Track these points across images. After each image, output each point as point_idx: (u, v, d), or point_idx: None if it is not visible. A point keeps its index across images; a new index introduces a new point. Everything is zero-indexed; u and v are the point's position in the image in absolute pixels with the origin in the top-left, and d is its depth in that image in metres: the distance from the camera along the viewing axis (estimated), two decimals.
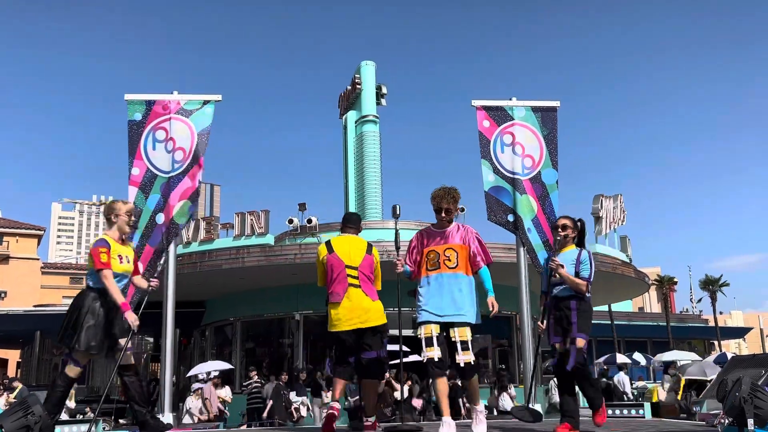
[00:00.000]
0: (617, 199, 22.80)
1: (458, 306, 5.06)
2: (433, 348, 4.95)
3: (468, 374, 5.01)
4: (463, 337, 4.96)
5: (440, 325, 5.05)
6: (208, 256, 17.54)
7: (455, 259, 5.18)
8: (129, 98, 9.22)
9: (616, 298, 26.89)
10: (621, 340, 32.42)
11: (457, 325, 5.01)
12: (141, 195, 8.92)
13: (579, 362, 5.23)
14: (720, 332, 39.99)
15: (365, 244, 5.75)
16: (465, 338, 4.96)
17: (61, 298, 40.81)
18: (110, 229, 5.56)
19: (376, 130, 22.09)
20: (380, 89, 22.62)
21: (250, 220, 18.56)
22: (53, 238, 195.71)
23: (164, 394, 8.62)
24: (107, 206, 5.67)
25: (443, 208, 5.27)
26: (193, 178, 8.94)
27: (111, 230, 5.55)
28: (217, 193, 22.89)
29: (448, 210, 5.28)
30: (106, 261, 5.17)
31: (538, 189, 9.42)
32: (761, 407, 3.25)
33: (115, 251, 5.34)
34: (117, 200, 5.85)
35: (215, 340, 21.74)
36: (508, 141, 9.56)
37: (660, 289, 44.31)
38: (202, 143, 9.04)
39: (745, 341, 66.38)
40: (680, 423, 7.33)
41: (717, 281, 47.32)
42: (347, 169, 22.63)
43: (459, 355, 4.92)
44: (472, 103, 9.69)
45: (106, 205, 5.74)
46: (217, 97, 9.31)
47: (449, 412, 4.97)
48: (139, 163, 9.00)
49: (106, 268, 5.17)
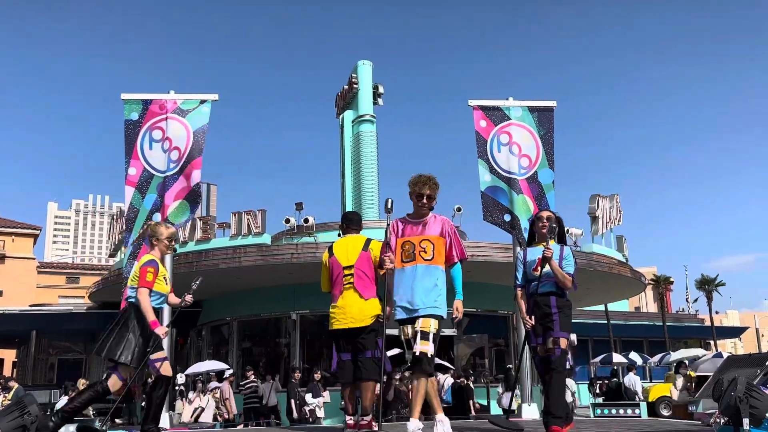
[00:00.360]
0: (614, 199, 22.83)
1: (430, 299, 4.83)
2: (427, 343, 4.73)
3: (421, 366, 4.65)
4: (425, 328, 4.72)
5: (413, 321, 4.84)
6: (205, 255, 17.52)
7: (431, 251, 4.93)
8: (126, 98, 9.21)
9: (612, 298, 26.92)
10: (617, 339, 32.45)
11: (423, 316, 4.78)
12: (138, 195, 8.91)
13: (561, 364, 5.00)
14: (716, 332, 40.08)
15: (363, 240, 5.63)
16: (427, 329, 4.71)
17: (57, 298, 40.73)
18: (152, 250, 5.80)
19: (373, 130, 22.09)
20: (377, 89, 22.62)
21: (246, 220, 18.55)
22: (49, 237, 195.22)
23: None
24: (151, 228, 5.93)
25: (425, 194, 5.00)
26: (188, 178, 8.92)
27: (154, 251, 5.78)
28: (213, 192, 22.85)
29: (430, 197, 5.03)
30: (150, 281, 5.43)
31: (535, 189, 9.43)
32: (756, 406, 3.26)
33: (161, 273, 5.62)
34: (160, 224, 6.13)
35: (212, 339, 21.73)
36: (505, 141, 9.57)
37: (656, 289, 44.43)
38: (198, 143, 9.02)
39: (741, 341, 66.53)
40: (676, 422, 7.35)
41: (713, 281, 47.42)
42: (344, 168, 22.62)
43: (416, 345, 4.67)
44: (469, 103, 9.70)
45: (150, 226, 6.02)
46: (214, 96, 9.29)
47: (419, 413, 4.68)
48: (135, 162, 8.99)
49: (147, 287, 5.41)
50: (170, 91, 9.25)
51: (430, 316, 4.76)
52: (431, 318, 4.74)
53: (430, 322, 4.73)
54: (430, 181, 5.00)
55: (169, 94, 9.25)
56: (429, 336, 4.67)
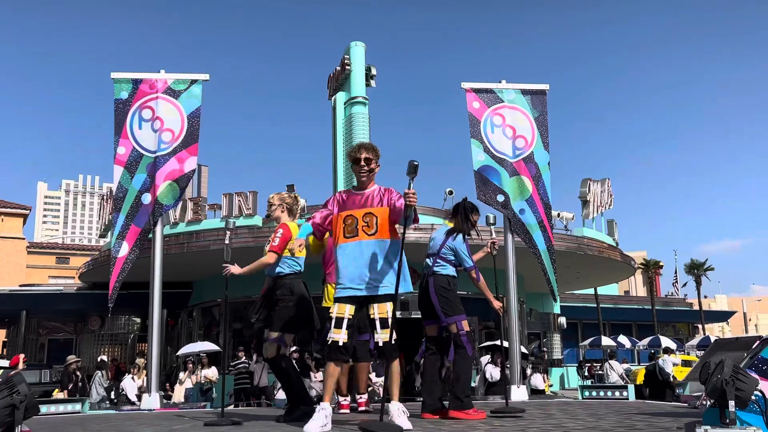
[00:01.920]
0: (605, 183, 22.87)
1: (379, 276, 4.48)
2: (340, 331, 4.42)
3: (386, 355, 4.43)
4: (382, 314, 4.45)
5: (359, 300, 4.51)
6: (196, 236, 17.48)
7: (374, 225, 4.53)
8: (115, 77, 9.12)
9: (602, 282, 27.08)
10: (606, 323, 32.67)
11: (378, 300, 4.47)
12: (126, 174, 8.85)
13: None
14: (704, 316, 40.39)
15: None
16: (384, 315, 4.45)
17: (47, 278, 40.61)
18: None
19: (365, 112, 21.98)
20: (370, 70, 22.47)
21: (237, 201, 18.49)
22: (39, 217, 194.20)
23: (151, 374, 8.64)
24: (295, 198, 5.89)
25: (361, 158, 4.63)
26: (182, 162, 8.86)
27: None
28: (205, 173, 22.76)
29: (368, 159, 4.64)
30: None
31: (533, 169, 9.42)
32: (742, 389, 3.28)
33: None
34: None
35: (203, 320, 21.73)
36: (499, 122, 9.55)
37: (646, 273, 44.62)
38: (193, 128, 8.95)
39: (728, 325, 67.10)
40: (663, 404, 7.42)
41: (702, 265, 47.69)
42: (336, 150, 22.52)
43: (377, 334, 4.43)
44: (462, 85, 9.66)
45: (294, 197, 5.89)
46: (205, 76, 9.21)
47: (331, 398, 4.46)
48: (125, 142, 8.93)
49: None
50: (161, 71, 9.17)
51: (385, 301, 4.48)
52: (387, 303, 4.49)
53: (387, 308, 4.47)
54: (367, 144, 4.73)
55: (160, 73, 9.17)
56: (388, 322, 4.45)
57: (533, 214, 9.24)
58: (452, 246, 5.54)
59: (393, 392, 4.47)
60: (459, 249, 5.54)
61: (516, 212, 9.18)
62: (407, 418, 4.34)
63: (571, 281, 23.95)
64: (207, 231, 17.59)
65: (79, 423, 5.92)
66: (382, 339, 4.40)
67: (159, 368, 8.88)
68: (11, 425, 3.04)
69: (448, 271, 5.53)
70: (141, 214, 8.71)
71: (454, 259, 5.55)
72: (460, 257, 5.54)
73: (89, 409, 8.22)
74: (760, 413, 3.40)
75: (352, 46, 22.53)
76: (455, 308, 5.43)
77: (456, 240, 5.56)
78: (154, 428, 5.11)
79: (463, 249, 5.55)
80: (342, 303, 4.47)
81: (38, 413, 3.64)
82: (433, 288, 5.46)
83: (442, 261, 5.53)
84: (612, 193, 23.29)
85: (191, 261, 18.10)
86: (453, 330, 5.38)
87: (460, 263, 5.56)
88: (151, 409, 8.19)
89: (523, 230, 9.20)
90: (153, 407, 8.27)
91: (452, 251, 5.55)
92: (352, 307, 4.47)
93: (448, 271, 5.54)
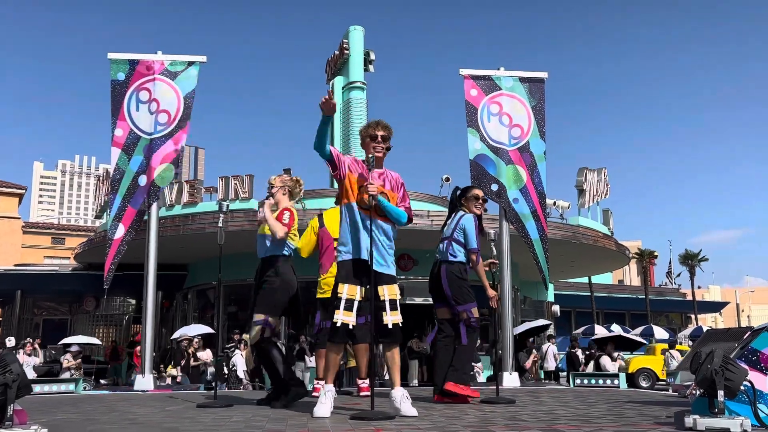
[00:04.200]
0: (601, 173, 22.88)
1: (385, 258, 4.41)
2: (351, 314, 4.29)
3: (392, 337, 4.35)
4: (392, 296, 4.37)
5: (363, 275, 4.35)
6: (191, 219, 17.46)
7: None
8: (112, 57, 9.07)
9: (596, 271, 27.17)
10: (600, 312, 32.83)
11: (386, 281, 4.37)
12: (124, 156, 8.84)
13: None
14: (697, 306, 40.58)
15: None
16: (394, 297, 4.38)
17: (42, 258, 40.54)
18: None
19: (363, 97, 21.93)
20: (368, 55, 22.39)
21: (234, 185, 18.47)
22: (35, 197, 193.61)
23: (145, 356, 8.67)
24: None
25: (379, 135, 4.52)
26: (177, 142, 8.85)
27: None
28: (201, 156, 22.73)
29: (386, 137, 4.54)
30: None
31: (527, 158, 9.43)
32: (732, 379, 3.31)
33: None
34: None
35: (198, 303, 21.75)
36: (495, 111, 9.54)
37: (640, 263, 44.77)
38: (188, 108, 8.94)
39: (721, 315, 67.52)
40: (653, 393, 7.48)
41: (696, 256, 47.87)
42: (333, 135, 22.47)
43: (387, 315, 4.31)
44: (460, 71, 9.64)
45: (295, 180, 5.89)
46: (202, 58, 9.17)
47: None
48: (122, 123, 8.90)
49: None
50: (158, 52, 9.12)
51: (392, 282, 4.40)
52: (395, 284, 4.43)
53: (395, 289, 4.42)
54: (383, 122, 4.57)
55: (157, 54, 9.12)
56: (397, 304, 4.39)
57: (527, 204, 9.27)
58: (462, 226, 5.61)
59: (394, 379, 4.41)
60: (468, 229, 5.60)
61: (510, 201, 9.20)
62: (411, 404, 4.30)
63: (565, 270, 24.01)
64: (202, 214, 17.57)
65: (72, 403, 5.94)
66: (392, 321, 4.32)
67: (152, 350, 8.90)
68: (3, 404, 3.04)
69: (460, 258, 5.59)
70: (137, 195, 8.71)
71: (464, 240, 5.60)
72: (467, 237, 5.59)
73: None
74: (748, 403, 3.43)
75: (351, 30, 22.42)
76: (467, 296, 5.56)
77: (465, 219, 5.63)
78: (146, 409, 5.13)
79: (471, 229, 5.61)
80: (352, 285, 4.33)
81: (31, 393, 3.65)
82: (446, 276, 5.53)
83: (455, 244, 5.59)
84: (608, 183, 23.31)
85: (187, 243, 18.10)
86: (463, 317, 5.50)
87: (466, 243, 5.60)
88: (144, 390, 8.22)
89: (516, 219, 9.23)
90: (146, 389, 8.31)
91: (462, 231, 5.60)
92: (363, 289, 4.35)
93: (461, 258, 5.59)
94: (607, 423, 3.87)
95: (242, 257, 19.80)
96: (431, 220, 16.15)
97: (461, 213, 5.72)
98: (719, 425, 3.24)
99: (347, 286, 4.34)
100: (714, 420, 3.26)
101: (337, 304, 4.31)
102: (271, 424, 3.85)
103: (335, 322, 4.29)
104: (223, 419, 4.17)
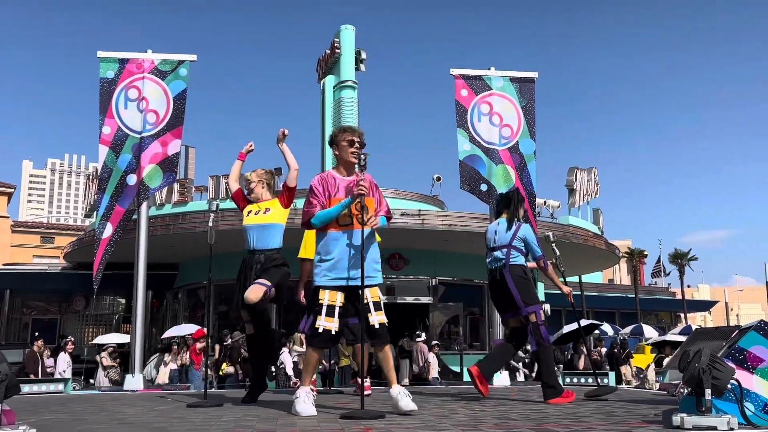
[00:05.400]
0: (591, 172, 22.98)
1: (371, 268, 4.45)
2: (332, 319, 4.35)
3: (381, 338, 4.38)
4: (375, 298, 4.41)
5: (346, 291, 4.44)
6: (182, 218, 17.40)
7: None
8: (102, 55, 9.03)
9: (586, 270, 27.26)
10: (590, 310, 32.95)
11: (368, 286, 4.40)
12: (112, 154, 8.79)
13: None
14: (687, 305, 40.80)
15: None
16: (377, 298, 4.42)
17: (31, 257, 40.27)
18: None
19: (354, 96, 21.90)
20: (359, 54, 22.36)
21: (224, 183, 18.40)
22: (24, 196, 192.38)
23: (134, 356, 8.63)
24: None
25: (356, 140, 4.55)
26: (165, 145, 8.80)
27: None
28: (192, 155, 22.60)
29: (361, 144, 4.57)
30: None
31: (516, 159, 9.45)
32: (719, 378, 3.33)
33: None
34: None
35: (188, 302, 21.68)
36: (486, 111, 9.56)
37: (630, 262, 44.98)
38: (178, 110, 8.89)
39: (710, 314, 67.92)
40: (641, 392, 7.52)
41: (686, 255, 48.14)
42: (324, 134, 22.44)
43: (372, 316, 4.34)
44: (451, 71, 9.65)
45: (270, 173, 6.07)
46: (192, 57, 9.14)
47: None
48: (110, 121, 8.85)
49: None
50: (147, 50, 9.09)
51: (373, 285, 4.45)
52: (375, 287, 4.47)
53: (377, 291, 4.47)
54: (357, 127, 4.68)
55: (147, 53, 9.09)
56: (381, 305, 4.44)
57: None
58: (523, 236, 5.66)
59: (390, 377, 4.42)
60: (529, 239, 5.68)
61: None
62: (411, 399, 4.30)
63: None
64: (193, 213, 17.51)
65: (61, 403, 5.91)
66: (378, 321, 4.36)
67: (142, 349, 8.87)
68: None
69: (521, 261, 5.65)
70: (126, 195, 8.66)
71: (525, 249, 5.68)
72: (530, 247, 5.68)
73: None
74: (735, 402, 3.46)
75: (342, 29, 22.39)
76: (534, 297, 5.61)
77: (524, 229, 5.70)
78: (136, 409, 5.12)
79: (533, 238, 5.71)
80: (333, 291, 4.39)
81: (19, 393, 3.63)
82: (511, 279, 5.55)
83: (515, 252, 5.64)
84: (598, 182, 23.42)
85: (177, 243, 18.04)
86: (533, 319, 5.50)
87: (529, 252, 5.69)
88: (134, 390, 8.19)
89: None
90: (136, 388, 8.27)
91: (523, 241, 5.66)
92: (342, 295, 4.42)
93: (521, 261, 5.65)
94: (596, 421, 3.89)
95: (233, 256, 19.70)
96: (422, 219, 16.16)
97: (519, 223, 5.76)
98: (706, 423, 3.26)
99: (328, 292, 4.40)
100: (701, 418, 3.28)
101: (319, 310, 4.37)
102: (261, 424, 3.85)
103: (317, 328, 4.34)
104: (213, 419, 4.17)
